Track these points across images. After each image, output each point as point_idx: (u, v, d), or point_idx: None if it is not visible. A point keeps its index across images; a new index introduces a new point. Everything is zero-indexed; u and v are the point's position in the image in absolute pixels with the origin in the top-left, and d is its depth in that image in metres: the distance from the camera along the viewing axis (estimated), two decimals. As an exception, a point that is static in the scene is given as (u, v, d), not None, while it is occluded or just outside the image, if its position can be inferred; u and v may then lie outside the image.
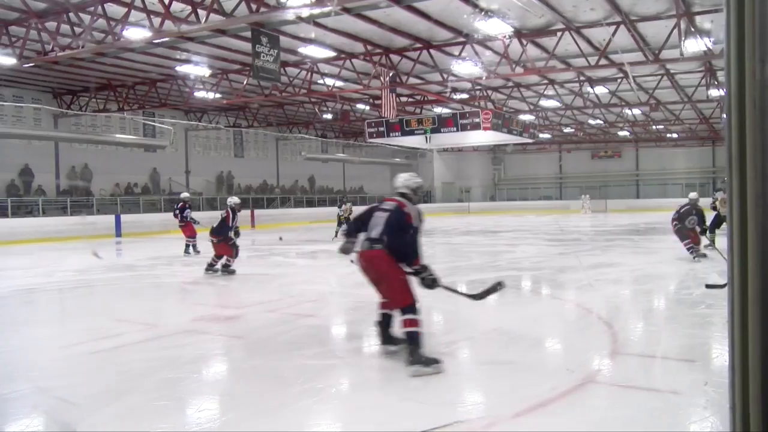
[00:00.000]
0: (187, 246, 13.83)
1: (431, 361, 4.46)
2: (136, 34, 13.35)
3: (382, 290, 4.90)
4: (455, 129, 20.40)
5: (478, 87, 23.30)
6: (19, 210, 20.41)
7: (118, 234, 20.42)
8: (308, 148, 35.38)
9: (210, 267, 10.25)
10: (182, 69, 19.05)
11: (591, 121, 31.98)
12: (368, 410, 3.79)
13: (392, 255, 4.66)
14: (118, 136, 25.00)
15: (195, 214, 14.24)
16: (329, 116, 28.06)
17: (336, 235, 18.15)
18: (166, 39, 14.17)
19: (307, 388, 4.15)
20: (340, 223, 18.66)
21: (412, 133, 21.52)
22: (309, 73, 19.38)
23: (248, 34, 13.93)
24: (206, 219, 13.39)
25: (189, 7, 12.37)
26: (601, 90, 22.85)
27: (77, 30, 13.59)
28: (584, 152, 43.02)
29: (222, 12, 12.26)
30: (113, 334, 5.95)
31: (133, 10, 12.75)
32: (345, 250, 5.11)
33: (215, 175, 30.61)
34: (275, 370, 4.60)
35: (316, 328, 6.20)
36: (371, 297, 7.77)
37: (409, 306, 4.60)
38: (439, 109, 25.85)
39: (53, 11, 13.33)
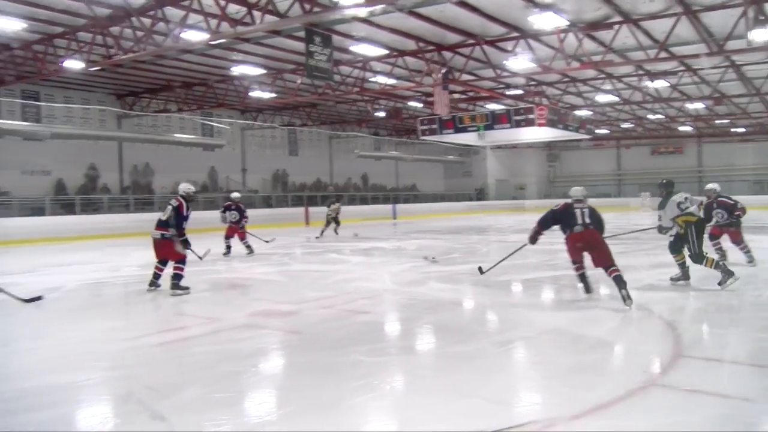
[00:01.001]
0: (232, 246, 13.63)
1: (624, 286, 6.58)
2: (194, 36, 13.72)
3: (597, 254, 6.94)
4: (509, 125, 20.11)
5: (533, 82, 22.93)
6: (87, 207, 21.30)
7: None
8: (361, 146, 35.61)
9: (154, 282, 8.33)
10: (238, 69, 19.48)
11: (650, 116, 31.00)
12: (422, 408, 3.79)
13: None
14: (177, 135, 25.80)
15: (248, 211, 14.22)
16: (382, 114, 28.15)
17: (321, 234, 18.20)
18: (223, 40, 14.50)
19: (362, 384, 4.19)
20: (328, 222, 18.69)
21: (465, 130, 21.34)
22: (361, 71, 19.49)
23: (302, 33, 14.11)
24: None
25: (244, 9, 12.62)
26: (661, 84, 22.10)
27: (139, 34, 14.07)
28: (643, 148, 41.75)
29: (276, 13, 12.46)
30: (176, 328, 6.15)
31: (190, 13, 13.12)
32: (533, 240, 7.45)
33: (271, 173, 31.17)
34: (331, 365, 4.66)
35: (371, 324, 6.24)
36: (424, 295, 7.81)
37: (614, 262, 6.79)
38: (492, 106, 25.56)
39: (117, 17, 13.83)
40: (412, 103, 26.52)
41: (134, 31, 14.05)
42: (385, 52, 17.44)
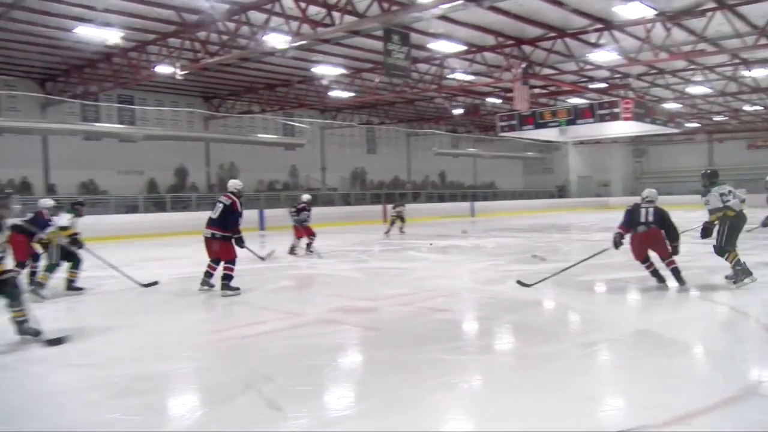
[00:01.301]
0: (301, 246, 13.75)
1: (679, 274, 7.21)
2: (276, 38, 14.11)
3: (659, 250, 7.38)
4: (593, 120, 19.41)
5: (618, 75, 22.06)
6: (176, 204, 22.37)
7: (262, 228, 21.72)
8: (439, 143, 35.47)
9: (206, 282, 8.10)
10: (318, 70, 19.86)
11: (747, 108, 29.12)
12: (502, 408, 3.73)
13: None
14: (260, 135, 26.63)
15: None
16: (460, 111, 27.92)
17: (387, 233, 17.97)
18: (303, 42, 14.82)
19: (441, 383, 4.17)
20: (392, 222, 18.38)
21: (545, 125, 20.78)
22: (439, 68, 19.40)
23: (380, 32, 14.21)
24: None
25: (324, 10, 12.85)
26: (760, 73, 20.72)
27: (224, 38, 14.62)
28: (739, 142, 39.28)
29: (355, 13, 12.61)
30: (258, 321, 6.34)
31: (273, 16, 13.50)
32: (617, 244, 7.55)
33: (349, 171, 31.60)
34: (410, 362, 4.67)
35: (450, 322, 6.21)
36: (503, 294, 7.69)
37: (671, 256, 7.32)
38: (574, 100, 24.80)
39: (204, 22, 14.43)
40: (491, 100, 26.15)
41: (220, 36, 14.62)
42: (464, 48, 17.28)
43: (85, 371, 4.66)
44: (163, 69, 16.63)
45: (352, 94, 22.73)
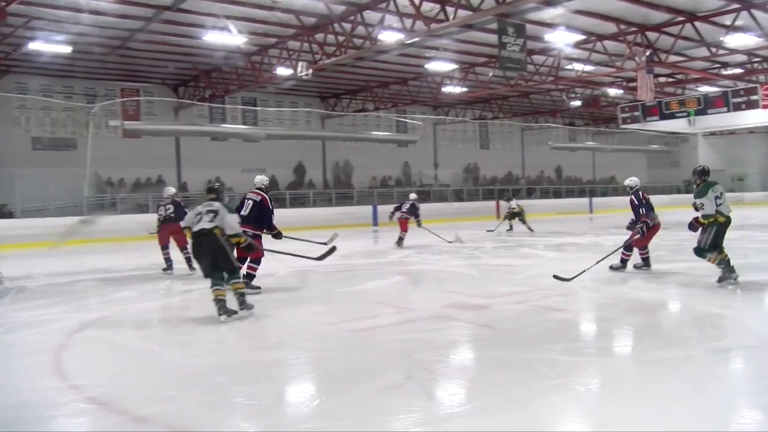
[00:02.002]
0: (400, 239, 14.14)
1: None
2: (390, 37, 14.29)
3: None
4: (726, 109, 18.04)
5: (756, 59, 20.24)
6: (295, 201, 23.33)
7: (375, 223, 22.12)
8: (555, 137, 34.34)
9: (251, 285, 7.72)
10: (431, 66, 19.89)
11: None
12: (622, 414, 3.55)
13: None
14: (374, 133, 27.13)
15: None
16: (577, 103, 26.86)
17: (510, 228, 17.28)
18: (417, 39, 14.90)
19: (557, 384, 4.05)
20: (507, 218, 17.48)
21: (672, 116, 19.58)
22: (556, 60, 18.77)
23: (494, 26, 13.98)
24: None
25: (438, 6, 12.84)
26: None
27: (340, 39, 15.03)
28: None
29: (469, 6, 12.49)
30: (372, 315, 6.48)
31: (387, 15, 13.68)
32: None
33: (462, 167, 31.40)
34: (523, 362, 4.57)
35: (567, 323, 6.00)
36: (625, 294, 7.32)
37: None
38: (705, 88, 23.08)
39: (321, 24, 14.91)
40: (611, 90, 24.92)
41: (336, 37, 15.04)
42: (582, 37, 16.61)
43: (214, 357, 4.98)
44: (283, 71, 17.39)
45: (465, 89, 22.55)
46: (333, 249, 8.94)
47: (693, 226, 7.37)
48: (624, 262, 8.70)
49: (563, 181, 35.13)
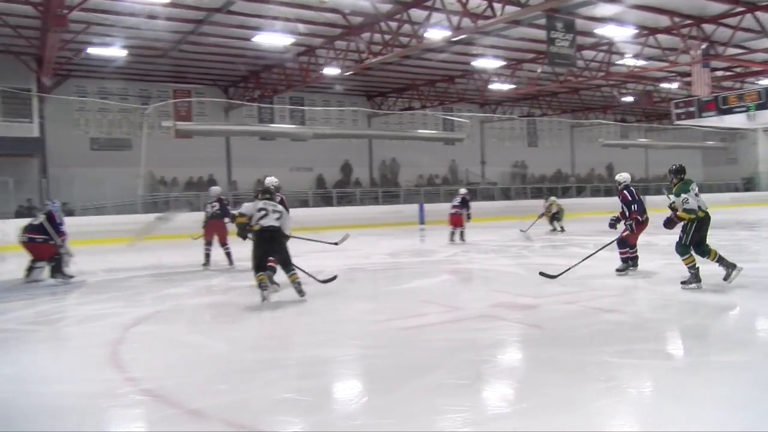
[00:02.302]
0: (452, 234, 14.27)
1: None
2: (436, 34, 14.23)
3: None
4: (789, 103, 17.24)
5: (823, 50, 19.32)
6: (342, 199, 23.52)
7: (422, 222, 22.09)
8: (606, 134, 33.58)
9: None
10: (478, 63, 19.72)
11: None
12: (679, 420, 3.44)
13: None
14: (420, 131, 27.09)
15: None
16: (629, 99, 26.19)
17: (554, 229, 16.81)
18: (464, 36, 14.80)
19: (609, 387, 3.96)
20: (545, 217, 16.98)
21: (729, 111, 18.84)
22: (607, 55, 18.34)
23: (543, 21, 13.76)
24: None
25: (485, 2, 12.72)
26: None
27: (386, 37, 15.05)
28: None
29: (517, 2, 12.33)
30: (420, 314, 6.46)
31: (433, 12, 13.63)
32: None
33: (510, 165, 31.03)
34: (574, 363, 4.48)
35: (620, 324, 5.85)
36: (681, 295, 7.08)
37: None
38: (766, 82, 22.16)
39: (368, 23, 14.97)
40: (665, 85, 24.21)
41: (382, 36, 15.07)
42: (634, 31, 16.18)
43: (266, 353, 5.07)
44: (329, 71, 17.54)
45: (513, 86, 22.27)
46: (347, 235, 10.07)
47: (671, 222, 7.39)
48: (626, 261, 8.50)
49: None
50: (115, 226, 16.38)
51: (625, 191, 8.51)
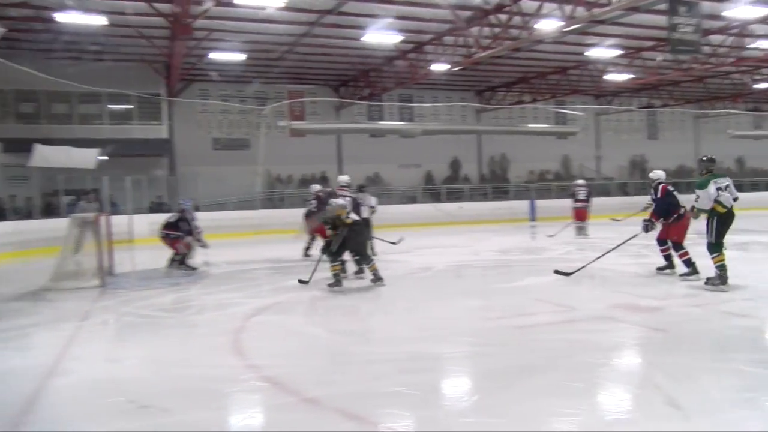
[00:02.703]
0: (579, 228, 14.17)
1: None
2: (548, 25, 13.78)
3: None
4: None
5: None
6: (450, 195, 23.44)
7: (533, 218, 21.56)
8: (735, 124, 31.02)
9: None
10: (592, 53, 18.91)
11: None
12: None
13: None
14: (531, 125, 26.42)
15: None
16: (763, 86, 24.06)
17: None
18: (578, 26, 14.22)
19: (744, 399, 3.67)
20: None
21: None
22: (737, 38, 16.95)
23: (664, 6, 12.93)
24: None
25: (601, -11, 12.15)
26: None
27: (496, 31, 14.78)
28: None
29: (637, -13, 11.68)
30: (532, 312, 6.32)
31: (545, 3, 13.21)
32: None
33: (627, 159, 29.50)
34: (701, 371, 4.19)
35: (754, 330, 5.42)
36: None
37: None
38: None
39: (476, 18, 14.78)
40: (807, 69, 22.00)
41: (492, 29, 14.82)
42: (771, 11, 14.81)
43: (377, 346, 5.18)
44: (438, 67, 17.51)
45: (631, 76, 21.13)
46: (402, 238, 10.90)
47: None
48: (688, 263, 7.84)
49: (746, 173, 31.60)
50: (235, 221, 17.36)
51: (653, 189, 8.26)
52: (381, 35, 16.00)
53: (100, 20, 13.87)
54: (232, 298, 7.59)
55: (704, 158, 7.35)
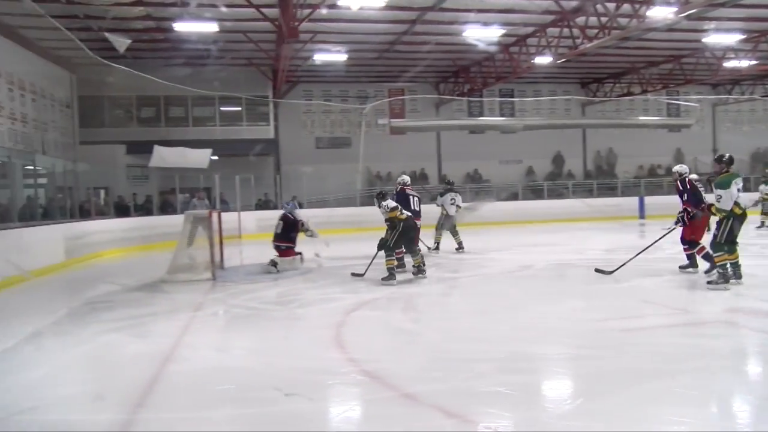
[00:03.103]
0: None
1: None
2: (660, 11, 13.04)
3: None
4: None
5: None
6: (552, 192, 22.78)
7: (642, 216, 20.52)
8: None
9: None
10: (710, 39, 17.69)
11: None
12: None
13: None
14: (641, 118, 25.15)
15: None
16: None
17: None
18: (693, 10, 13.34)
19: None
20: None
21: None
22: None
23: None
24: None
25: (721, -30, 11.34)
26: None
27: (603, 20, 14.16)
28: None
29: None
30: (639, 315, 6.02)
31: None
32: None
33: (749, 153, 27.34)
34: (837, 383, 3.82)
35: None
36: None
37: None
38: None
39: (582, 7, 14.23)
40: None
41: (599, 18, 14.22)
42: None
43: (476, 344, 5.12)
44: (541, 59, 17.04)
45: (754, 62, 19.55)
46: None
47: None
48: (707, 258, 7.71)
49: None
50: (336, 218, 17.78)
51: (678, 182, 8.19)
52: (482, 30, 15.79)
53: (212, 27, 14.69)
54: (332, 293, 7.79)
55: (724, 157, 7.12)
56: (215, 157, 15.62)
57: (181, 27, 14.68)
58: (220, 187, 16.17)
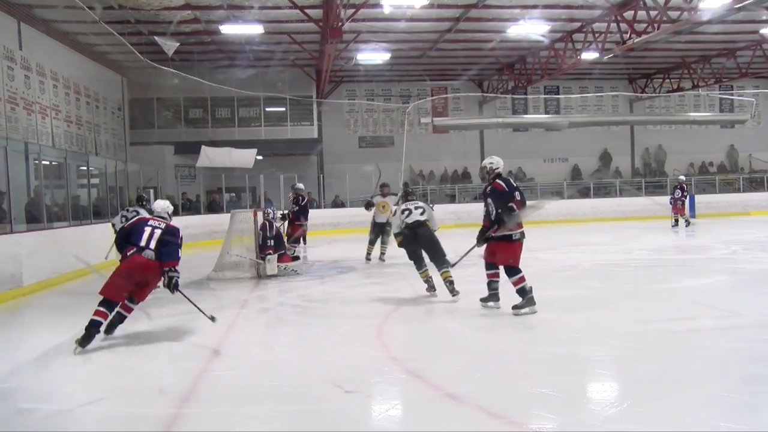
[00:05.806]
0: None
1: None
2: (714, 3, 12.63)
3: None
4: None
5: None
6: (599, 190, 22.32)
7: (692, 215, 19.94)
8: None
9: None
10: (767, 31, 17.03)
11: None
12: None
13: None
14: (692, 114, 24.40)
15: None
16: None
17: None
18: (749, 1, 12.87)
19: None
20: None
21: None
22: None
23: None
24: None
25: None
26: None
27: (653, 14, 13.80)
28: None
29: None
30: (689, 317, 5.87)
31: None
32: None
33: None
34: None
35: None
36: None
37: None
38: None
39: (631, 1, 13.90)
40: None
41: (648, 12, 13.86)
42: None
43: (520, 345, 5.08)
44: (588, 55, 16.72)
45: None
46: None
47: None
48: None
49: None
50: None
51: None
52: (527, 26, 15.60)
53: (257, 29, 14.94)
54: (375, 291, 7.83)
55: None
56: (260, 157, 15.87)
57: (227, 29, 14.99)
58: (264, 186, 16.42)
